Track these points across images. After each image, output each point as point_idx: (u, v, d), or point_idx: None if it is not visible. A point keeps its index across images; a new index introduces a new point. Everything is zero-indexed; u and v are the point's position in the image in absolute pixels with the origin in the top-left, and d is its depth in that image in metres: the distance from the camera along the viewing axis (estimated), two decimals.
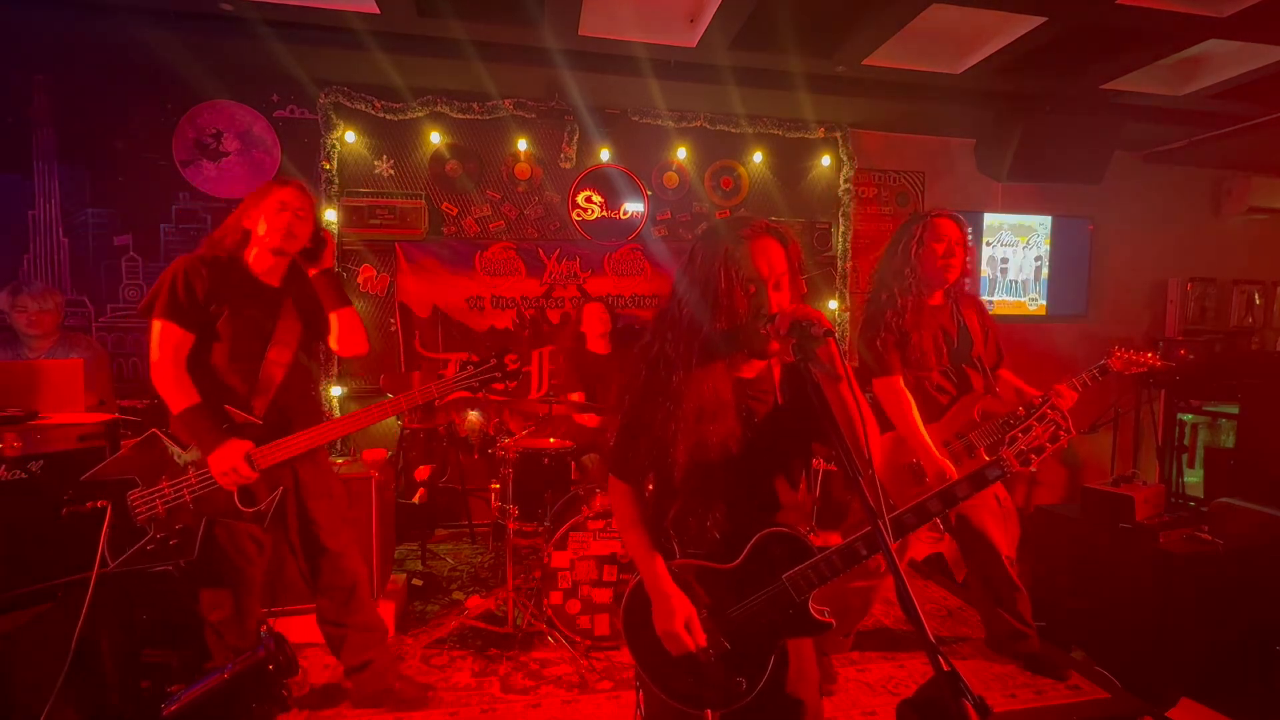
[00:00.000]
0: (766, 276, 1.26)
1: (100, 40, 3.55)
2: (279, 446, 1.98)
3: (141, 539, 1.84)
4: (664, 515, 1.38)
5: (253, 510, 1.98)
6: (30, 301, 2.99)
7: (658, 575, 1.32)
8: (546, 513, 2.90)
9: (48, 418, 1.87)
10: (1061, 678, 2.57)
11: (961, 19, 3.37)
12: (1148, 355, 2.45)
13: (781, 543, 1.32)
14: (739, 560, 1.33)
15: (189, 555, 1.89)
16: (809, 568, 1.29)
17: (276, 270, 2.15)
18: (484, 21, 3.35)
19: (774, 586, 1.31)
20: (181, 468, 1.92)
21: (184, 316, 1.96)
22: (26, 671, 1.62)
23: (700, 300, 1.29)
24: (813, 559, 1.30)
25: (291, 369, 2.11)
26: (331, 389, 4.01)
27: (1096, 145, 4.46)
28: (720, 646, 1.31)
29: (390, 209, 4.04)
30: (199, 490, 1.91)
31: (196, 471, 1.91)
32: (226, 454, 1.90)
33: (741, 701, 1.30)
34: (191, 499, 1.90)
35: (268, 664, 1.52)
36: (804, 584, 1.29)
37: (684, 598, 1.31)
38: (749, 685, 1.30)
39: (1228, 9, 3.15)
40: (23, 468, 1.69)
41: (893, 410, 2.37)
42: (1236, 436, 3.97)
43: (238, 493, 1.95)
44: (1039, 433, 1.39)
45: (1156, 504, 3.01)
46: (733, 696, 1.30)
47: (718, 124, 4.42)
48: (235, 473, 1.90)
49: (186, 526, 1.89)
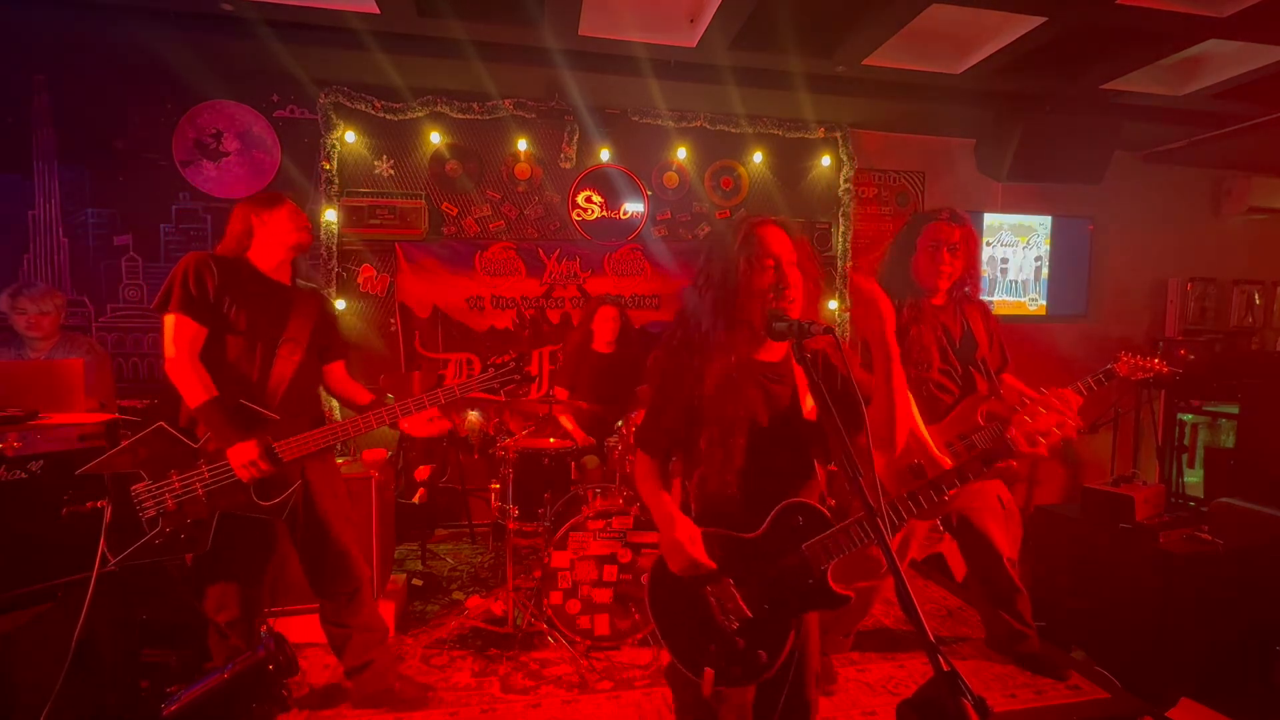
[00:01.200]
0: (780, 254, 1.37)
1: (100, 40, 3.55)
2: (300, 441, 1.99)
3: (148, 533, 1.83)
4: (688, 479, 1.46)
5: (270, 504, 1.99)
6: (30, 304, 2.99)
7: (670, 512, 1.41)
8: (546, 513, 2.90)
9: (48, 418, 1.87)
10: (1061, 678, 2.57)
11: (961, 19, 3.37)
12: (1154, 361, 2.44)
13: (802, 513, 1.37)
14: (761, 530, 1.36)
15: (201, 548, 1.89)
16: (829, 538, 1.34)
17: (284, 269, 2.18)
18: (484, 21, 3.35)
19: (795, 556, 1.34)
20: (192, 461, 1.92)
21: (197, 310, 1.97)
22: (26, 671, 1.62)
23: (722, 284, 1.38)
24: (832, 529, 1.34)
25: (302, 366, 2.12)
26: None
27: (1096, 145, 4.45)
28: (742, 614, 1.33)
29: (390, 209, 4.04)
30: (212, 484, 1.92)
31: (209, 465, 1.92)
32: (247, 447, 1.91)
33: (765, 675, 1.32)
34: (204, 492, 1.90)
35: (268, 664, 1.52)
36: (824, 554, 1.34)
37: (690, 523, 1.39)
38: (770, 658, 1.31)
39: (1228, 9, 3.15)
40: (23, 468, 1.69)
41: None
42: (1236, 436, 3.97)
43: (254, 486, 1.96)
44: (1046, 419, 1.42)
45: (1156, 504, 3.01)
46: (756, 670, 1.31)
47: (718, 124, 4.42)
48: (255, 466, 1.91)
49: (199, 520, 1.88)
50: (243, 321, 2.03)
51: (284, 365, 2.08)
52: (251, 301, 2.05)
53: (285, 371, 2.07)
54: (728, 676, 1.31)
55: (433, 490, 4.01)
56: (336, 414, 4.12)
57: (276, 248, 2.13)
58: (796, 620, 1.35)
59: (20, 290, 3.02)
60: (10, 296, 3.00)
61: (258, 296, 2.08)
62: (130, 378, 3.95)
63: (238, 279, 2.05)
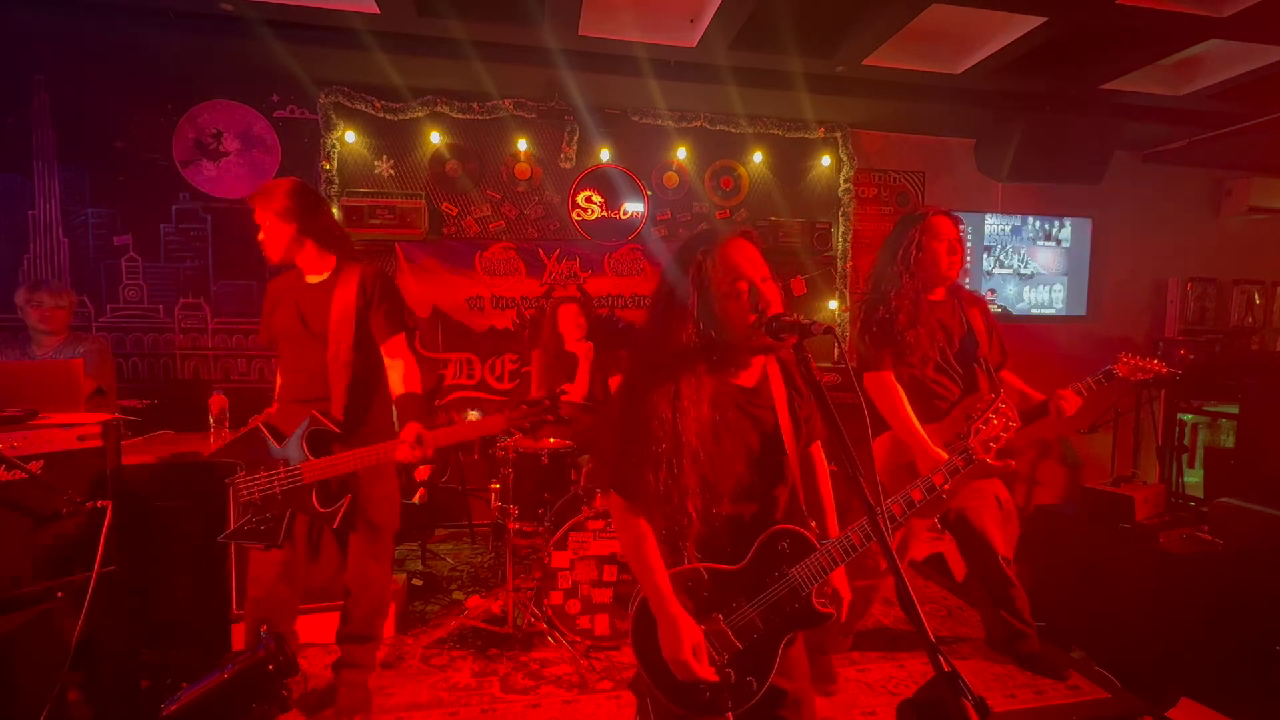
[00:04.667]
0: (753, 274, 1.30)
1: (100, 40, 3.55)
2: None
3: (246, 516, 2.03)
4: (673, 524, 1.32)
5: (326, 510, 2.03)
6: (47, 298, 3.09)
7: (664, 599, 1.27)
8: (546, 513, 2.90)
9: (48, 418, 1.87)
10: (1061, 678, 2.57)
11: (961, 19, 3.37)
12: (1154, 362, 2.43)
13: (786, 539, 1.35)
14: (746, 560, 1.34)
15: (274, 541, 2.00)
16: (813, 560, 1.33)
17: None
18: (484, 21, 3.35)
19: (782, 582, 1.33)
20: (276, 460, 2.03)
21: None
22: (26, 671, 1.62)
23: (693, 308, 1.31)
24: (816, 551, 1.34)
25: (353, 368, 2.14)
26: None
27: (1096, 145, 4.46)
28: (732, 648, 1.31)
29: (390, 209, 4.03)
30: (287, 484, 2.01)
31: (287, 468, 2.01)
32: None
33: (752, 700, 1.31)
34: (280, 491, 2.01)
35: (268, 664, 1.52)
36: (809, 577, 1.33)
37: (691, 622, 1.27)
38: (759, 684, 1.31)
39: (1228, 9, 3.15)
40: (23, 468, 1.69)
41: (883, 404, 2.36)
42: (1236, 436, 3.96)
43: (317, 490, 2.01)
44: (996, 424, 1.61)
45: (1156, 504, 3.01)
46: (745, 697, 1.31)
47: (718, 124, 4.42)
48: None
49: (275, 514, 2.01)
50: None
51: (339, 370, 2.11)
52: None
53: (342, 376, 2.11)
54: (718, 708, 1.30)
55: (433, 490, 4.01)
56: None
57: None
58: (783, 644, 1.34)
59: (39, 285, 3.15)
60: (28, 290, 3.10)
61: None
62: (130, 378, 3.95)
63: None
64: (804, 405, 1.43)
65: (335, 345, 2.08)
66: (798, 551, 1.34)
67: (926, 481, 1.48)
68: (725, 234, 1.34)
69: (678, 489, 1.28)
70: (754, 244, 1.34)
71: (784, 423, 1.38)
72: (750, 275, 1.29)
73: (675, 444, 1.27)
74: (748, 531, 1.35)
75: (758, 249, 1.34)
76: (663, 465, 1.27)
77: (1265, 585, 2.62)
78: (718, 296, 1.29)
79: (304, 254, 2.17)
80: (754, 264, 1.31)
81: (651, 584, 1.29)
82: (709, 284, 1.30)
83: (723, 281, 1.29)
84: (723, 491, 1.31)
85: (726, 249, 1.31)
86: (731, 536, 1.34)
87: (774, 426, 1.37)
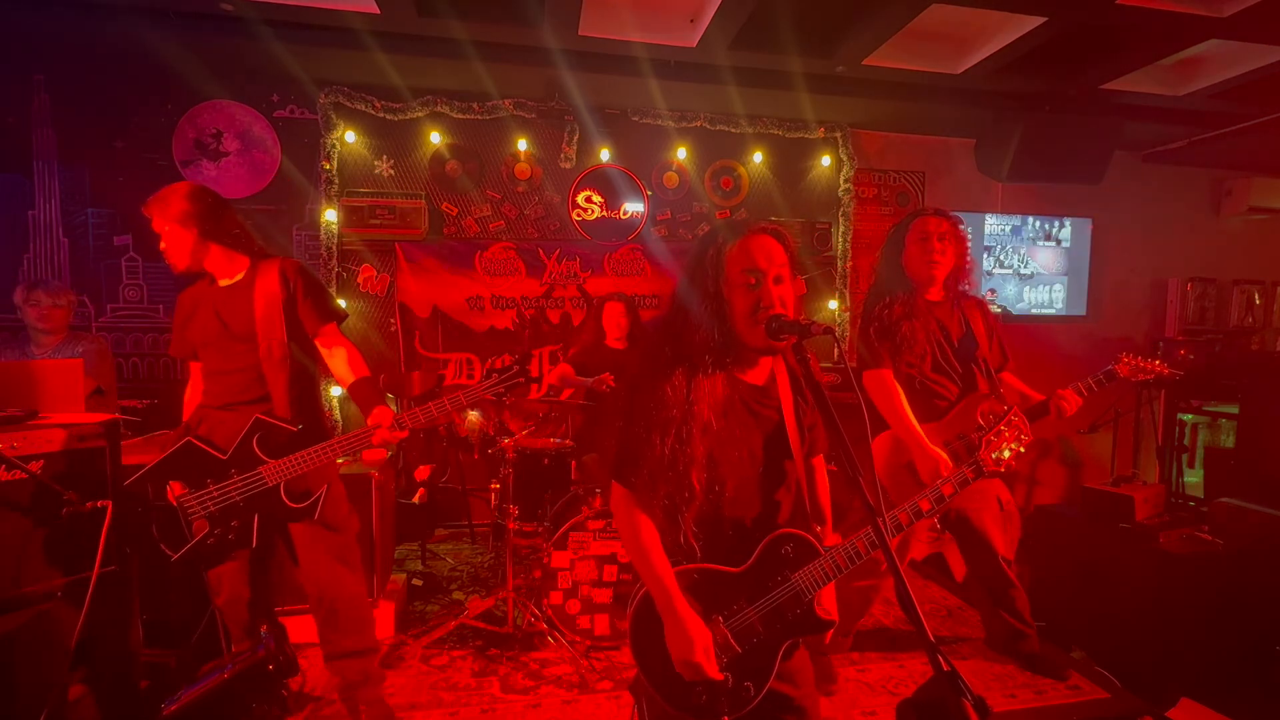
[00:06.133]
0: (766, 269, 1.29)
1: (100, 40, 3.55)
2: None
3: (199, 536, 1.95)
4: (678, 521, 1.31)
5: (300, 506, 2.01)
6: (45, 296, 3.10)
7: (672, 599, 1.24)
8: (546, 513, 2.90)
9: (48, 418, 1.87)
10: (1061, 678, 2.57)
11: (961, 19, 3.37)
12: (1154, 363, 2.43)
13: (790, 543, 1.34)
14: (750, 563, 1.33)
15: (248, 545, 1.98)
16: (817, 566, 1.32)
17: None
18: (484, 21, 3.35)
19: (785, 587, 1.32)
20: (225, 471, 1.96)
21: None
22: (26, 671, 1.62)
23: (703, 299, 1.31)
24: (820, 557, 1.33)
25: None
26: (332, 389, 4.01)
27: (1096, 145, 4.46)
28: (731, 651, 1.30)
29: (390, 209, 4.04)
30: (245, 490, 1.97)
31: (241, 475, 1.97)
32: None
33: (750, 705, 1.29)
34: (241, 499, 1.96)
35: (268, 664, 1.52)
36: (812, 582, 1.32)
37: (701, 624, 1.25)
38: (756, 689, 1.30)
39: (1228, 9, 3.15)
40: (23, 468, 1.69)
41: (882, 402, 2.36)
42: (1236, 436, 3.96)
43: (284, 489, 1.99)
44: (1008, 436, 1.57)
45: (1156, 504, 3.01)
46: (742, 702, 1.29)
47: (718, 124, 4.42)
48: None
49: (242, 521, 1.97)
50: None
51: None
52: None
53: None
54: (715, 711, 1.29)
55: (433, 490, 4.01)
56: (337, 414, 4.12)
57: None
58: (783, 649, 1.33)
59: (37, 284, 3.15)
60: (26, 289, 3.11)
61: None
62: (130, 378, 3.95)
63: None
64: (809, 413, 1.42)
65: (266, 343, 2.04)
66: (802, 556, 1.33)
67: (935, 492, 1.47)
68: (751, 226, 1.33)
69: (683, 484, 1.27)
70: (779, 242, 1.32)
71: (789, 425, 1.38)
72: (762, 269, 1.28)
73: (681, 436, 1.27)
74: (750, 534, 1.34)
75: (783, 247, 1.32)
76: (668, 454, 1.26)
77: (1265, 585, 2.62)
78: (727, 285, 1.29)
79: (211, 259, 2.08)
80: (769, 259, 1.29)
81: (657, 582, 1.27)
82: (723, 270, 1.30)
83: (734, 270, 1.29)
84: (727, 490, 1.31)
85: (747, 240, 1.30)
86: (734, 538, 1.34)
87: (779, 426, 1.37)
